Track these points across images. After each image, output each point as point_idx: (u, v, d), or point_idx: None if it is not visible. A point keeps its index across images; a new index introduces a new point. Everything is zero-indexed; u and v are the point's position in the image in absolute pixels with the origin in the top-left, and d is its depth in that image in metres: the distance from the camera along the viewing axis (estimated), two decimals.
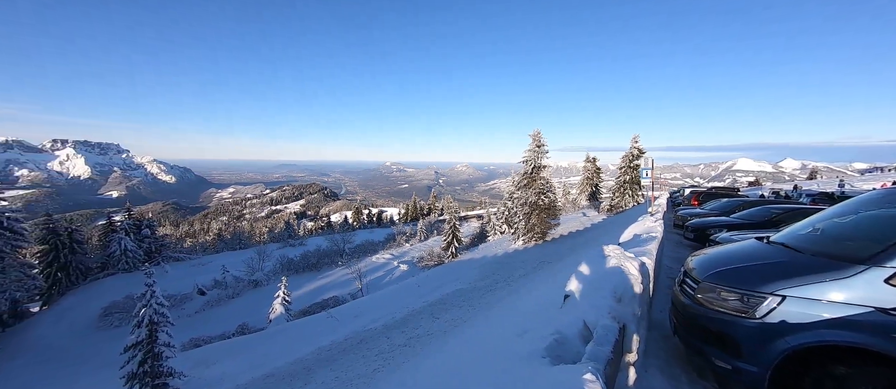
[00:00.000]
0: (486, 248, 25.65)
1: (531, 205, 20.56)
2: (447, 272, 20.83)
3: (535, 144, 20.76)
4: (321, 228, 68.83)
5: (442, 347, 6.51)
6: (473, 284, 15.31)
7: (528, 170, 20.95)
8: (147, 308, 9.68)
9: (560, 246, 18.69)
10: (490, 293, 12.47)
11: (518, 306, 6.36)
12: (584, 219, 26.48)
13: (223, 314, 21.18)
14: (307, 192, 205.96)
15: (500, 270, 16.84)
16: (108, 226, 31.55)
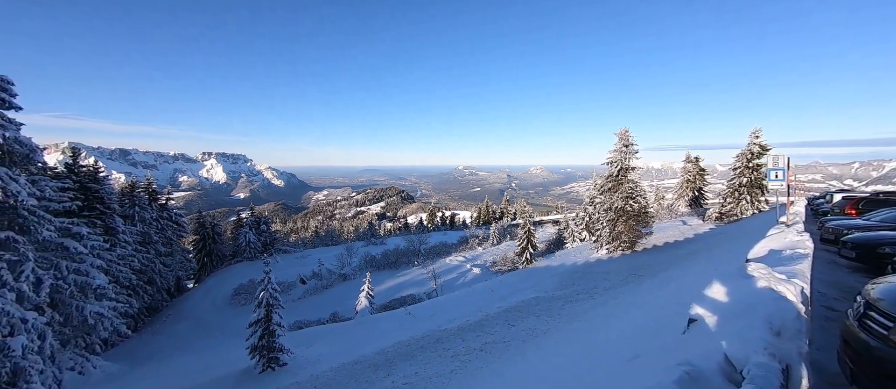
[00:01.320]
0: (564, 255, 24.07)
1: (617, 211, 18.61)
2: (521, 278, 20.11)
3: (621, 144, 18.78)
4: (399, 228, 73.36)
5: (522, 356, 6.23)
6: (551, 293, 14.45)
7: (613, 172, 19.05)
8: (265, 292, 11.50)
9: (654, 258, 16.47)
10: (570, 305, 11.60)
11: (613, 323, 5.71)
12: (685, 228, 22.91)
13: (319, 302, 24.02)
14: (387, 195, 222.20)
15: (581, 280, 15.57)
16: (238, 222, 38.72)
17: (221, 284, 27.48)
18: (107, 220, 19.30)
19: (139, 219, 24.19)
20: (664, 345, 2.14)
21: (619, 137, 18.79)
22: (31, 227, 6.99)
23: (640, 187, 18.83)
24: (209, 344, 18.04)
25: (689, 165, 30.45)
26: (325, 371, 10.19)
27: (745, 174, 21.05)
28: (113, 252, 18.53)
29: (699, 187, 29.91)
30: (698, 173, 29.90)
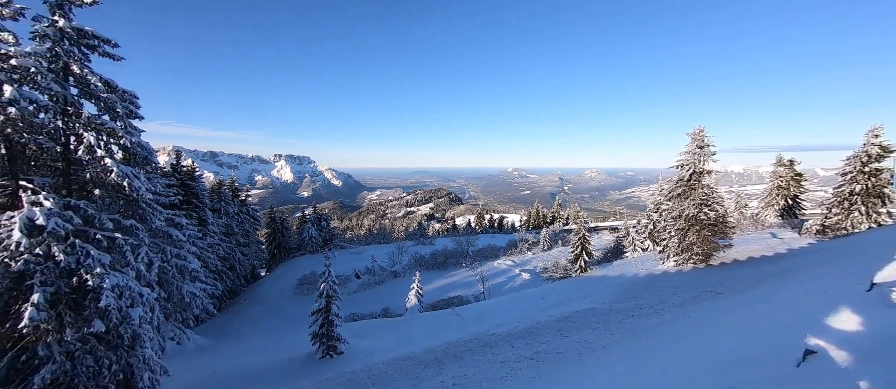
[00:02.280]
0: (624, 266, 22.28)
1: (688, 219, 16.73)
2: (575, 286, 19.05)
3: (695, 145, 16.87)
4: (447, 230, 74.18)
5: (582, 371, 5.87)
6: (609, 305, 13.46)
7: (684, 176, 17.18)
8: (326, 284, 12.40)
9: (734, 274, 14.50)
10: (632, 319, 10.68)
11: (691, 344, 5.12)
12: (774, 242, 19.83)
13: (371, 297, 25.23)
14: (435, 196, 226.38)
15: (645, 293, 14.27)
16: (302, 218, 42.34)
17: (288, 273, 30.21)
18: (200, 213, 22.36)
19: (224, 213, 27.65)
20: (773, 377, 1.83)
21: (692, 137, 16.92)
22: (147, 217, 8.36)
23: (716, 194, 16.73)
24: (278, 327, 19.94)
25: (780, 168, 26.32)
26: (377, 364, 10.64)
27: (859, 180, 17.55)
28: (204, 241, 21.41)
29: (794, 195, 25.68)
30: (793, 178, 25.70)
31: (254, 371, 11.68)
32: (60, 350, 6.45)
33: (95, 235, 6.88)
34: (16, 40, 6.30)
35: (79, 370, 6.71)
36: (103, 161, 7.03)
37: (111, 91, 7.28)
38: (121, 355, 7.30)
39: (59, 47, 6.62)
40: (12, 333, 6.12)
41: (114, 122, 7.45)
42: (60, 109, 6.84)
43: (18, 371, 6.38)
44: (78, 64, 6.87)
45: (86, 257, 6.57)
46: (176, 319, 16.19)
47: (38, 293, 5.93)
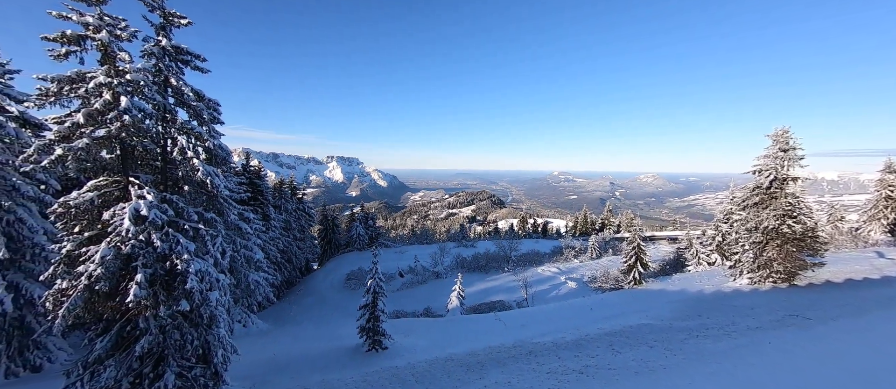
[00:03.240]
0: (685, 280, 20.31)
1: (767, 231, 14.81)
2: (628, 299, 17.77)
3: (777, 148, 14.91)
4: (489, 233, 73.43)
5: None
6: (667, 322, 12.36)
7: (763, 183, 15.26)
8: (373, 281, 12.95)
9: (826, 297, 12.53)
10: (697, 340, 9.69)
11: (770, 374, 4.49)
12: (882, 262, 16.77)
13: (414, 295, 25.80)
14: (477, 198, 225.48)
15: (711, 312, 12.88)
16: (351, 217, 44.65)
17: (337, 268, 32.04)
18: (264, 208, 24.60)
19: (284, 209, 30.14)
20: None
21: (773, 138, 14.97)
22: (224, 211, 9.40)
23: (803, 203, 14.58)
24: (328, 318, 21.23)
25: (890, 176, 22.25)
26: (420, 362, 10.85)
27: None
28: (266, 234, 23.51)
29: None
30: None
31: (307, 356, 12.53)
32: (155, 324, 7.48)
33: (184, 225, 7.89)
34: (130, 58, 7.48)
35: (168, 342, 7.73)
36: (192, 161, 8.05)
37: (200, 100, 8.33)
38: (201, 332, 8.27)
39: (161, 63, 7.73)
40: (120, 306, 7.23)
41: (200, 127, 8.51)
42: (161, 116, 7.98)
43: (124, 338, 7.52)
44: (175, 77, 7.96)
45: (176, 244, 7.56)
46: (242, 304, 17.94)
47: (140, 273, 6.95)
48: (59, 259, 7.02)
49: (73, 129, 6.89)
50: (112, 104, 7.03)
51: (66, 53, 6.86)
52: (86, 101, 6.96)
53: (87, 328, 7.59)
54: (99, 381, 6.93)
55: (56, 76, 6.83)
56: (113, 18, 7.14)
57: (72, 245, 7.10)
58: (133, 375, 7.47)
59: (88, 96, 6.95)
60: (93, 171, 7.74)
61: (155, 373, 7.69)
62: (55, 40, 6.81)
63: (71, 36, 6.81)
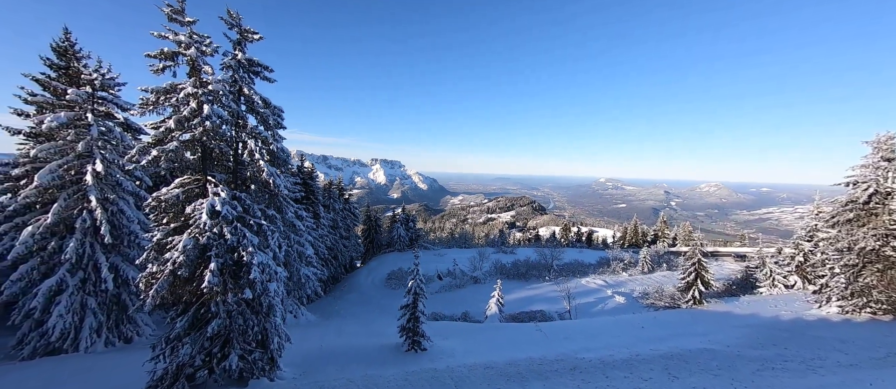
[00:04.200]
0: (757, 303, 18.12)
1: (864, 253, 12.74)
2: (686, 320, 16.24)
3: (878, 157, 12.84)
4: (529, 240, 71.49)
5: None
6: (735, 349, 11.10)
7: (859, 197, 13.19)
8: (414, 282, 13.20)
9: None
10: (772, 373, 8.57)
11: None
12: None
13: (452, 299, 25.87)
14: (518, 204, 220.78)
15: (790, 342, 11.35)
16: (392, 218, 46.06)
17: (379, 267, 33.17)
18: (315, 208, 26.26)
19: (332, 209, 31.92)
20: None
21: (874, 146, 12.89)
22: (283, 208, 10.20)
23: None
24: (370, 315, 22.02)
25: None
26: (459, 366, 10.81)
27: None
28: (316, 232, 25.06)
29: None
30: None
31: (351, 350, 13.09)
32: (224, 309, 8.29)
33: (250, 221, 8.68)
34: (212, 71, 8.46)
35: (234, 326, 8.52)
36: (258, 163, 8.86)
37: (267, 107, 9.15)
38: (260, 320, 9.01)
39: (236, 74, 8.63)
40: (197, 291, 8.13)
41: (266, 131, 9.34)
42: (234, 121, 8.89)
43: (198, 320, 8.42)
44: (247, 87, 8.84)
45: (243, 237, 8.34)
46: (294, 296, 19.26)
47: (214, 262, 7.76)
48: (150, 246, 8.07)
49: (166, 133, 7.92)
50: (197, 112, 7.97)
51: (162, 67, 7.92)
52: (176, 109, 7.97)
53: (168, 308, 8.63)
54: (178, 356, 7.83)
55: (154, 88, 7.91)
56: (200, 36, 8.11)
57: (161, 235, 8.13)
58: (204, 353, 8.33)
59: (178, 105, 7.95)
60: (179, 170, 8.82)
61: (222, 353, 8.51)
62: (155, 57, 7.90)
63: (167, 52, 7.85)
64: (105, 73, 12.66)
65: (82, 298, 12.00)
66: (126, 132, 13.73)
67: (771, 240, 42.19)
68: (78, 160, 11.87)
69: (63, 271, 11.56)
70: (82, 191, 11.92)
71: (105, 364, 10.52)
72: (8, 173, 12.57)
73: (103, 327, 12.48)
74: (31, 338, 11.67)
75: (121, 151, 12.87)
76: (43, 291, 11.29)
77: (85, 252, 11.93)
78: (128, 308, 13.13)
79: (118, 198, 12.62)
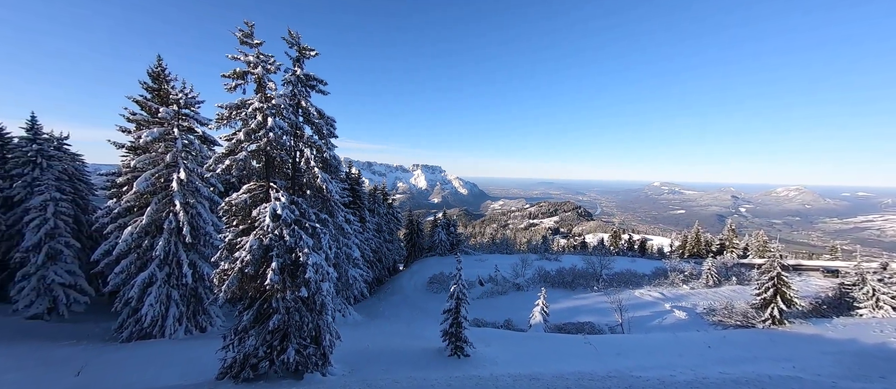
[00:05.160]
0: (856, 327, 15.50)
1: None
2: (763, 342, 14.36)
3: None
4: (574, 247, 68.22)
5: None
6: (828, 379, 9.58)
7: None
8: (456, 287, 13.21)
9: None
10: None
11: None
12: None
13: (494, 305, 25.45)
14: (561, 209, 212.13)
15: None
16: (433, 222, 46.70)
17: (421, 271, 33.72)
18: (361, 212, 27.50)
19: (377, 213, 33.18)
20: None
21: None
22: (334, 212, 10.82)
23: None
24: (413, 317, 22.42)
25: None
26: (503, 375, 10.55)
27: None
28: (362, 235, 26.17)
29: None
30: None
31: (395, 351, 13.40)
32: (283, 306, 8.95)
33: (305, 224, 9.32)
34: (275, 86, 9.29)
35: (291, 322, 9.16)
36: (313, 170, 9.51)
37: (321, 118, 9.82)
38: (314, 317, 9.58)
39: (295, 89, 9.39)
40: (260, 287, 8.88)
41: (320, 140, 10.00)
42: (293, 132, 9.65)
43: (261, 314, 9.18)
44: (304, 100, 9.57)
45: (299, 239, 8.96)
46: (342, 296, 20.24)
47: (275, 261, 8.44)
48: (223, 246, 8.98)
49: (237, 144, 8.81)
50: (262, 124, 8.77)
51: (235, 85, 8.85)
52: (245, 122, 8.84)
53: (236, 302, 9.52)
54: (245, 347, 8.59)
55: (228, 104, 8.85)
56: (265, 56, 8.95)
57: (231, 235, 9.02)
58: (266, 346, 9.04)
59: (247, 119, 8.81)
60: (246, 177, 9.74)
61: (281, 347, 9.17)
62: (229, 76, 8.86)
63: (239, 72, 8.77)
64: (188, 92, 14.46)
65: (168, 290, 13.69)
66: (203, 144, 15.52)
67: (872, 254, 35.87)
68: (166, 169, 13.64)
69: (154, 266, 13.31)
70: (169, 196, 13.66)
71: (186, 350, 11.86)
72: (114, 180, 14.82)
73: (184, 316, 14.11)
74: (129, 323, 13.55)
75: (199, 160, 14.55)
76: (138, 283, 13.08)
77: (170, 250, 13.62)
78: (203, 301, 14.73)
79: (196, 202, 14.26)
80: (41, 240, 15.84)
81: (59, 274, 16.21)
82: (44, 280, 15.88)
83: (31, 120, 18.47)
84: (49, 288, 16.07)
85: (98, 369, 9.85)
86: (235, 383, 8.76)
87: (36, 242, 15.72)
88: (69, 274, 16.62)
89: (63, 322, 15.93)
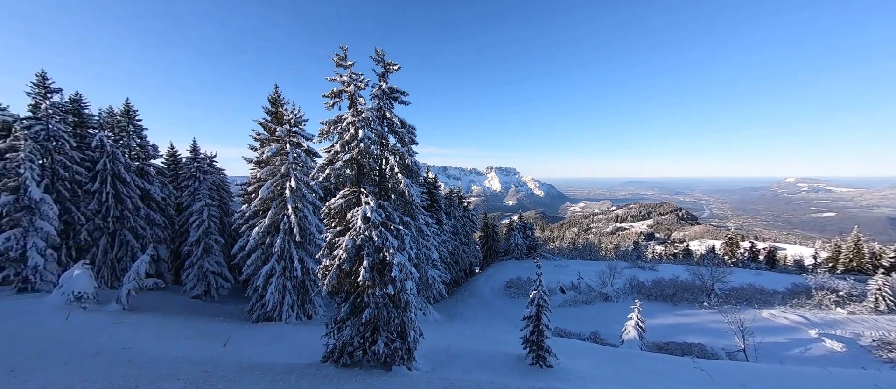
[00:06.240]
0: None
1: None
2: None
3: None
4: (675, 255, 59.41)
5: None
6: None
7: None
8: (537, 293, 12.66)
9: None
10: None
11: None
12: None
13: (577, 315, 23.66)
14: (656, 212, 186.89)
15: None
16: (509, 225, 45.73)
17: (497, 274, 33.32)
18: (438, 214, 28.49)
19: (452, 216, 33.98)
20: None
21: None
22: (415, 215, 11.44)
23: None
24: (491, 321, 22.27)
25: None
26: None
27: None
28: (439, 237, 27.06)
29: None
30: None
31: (474, 353, 13.43)
32: (373, 301, 9.77)
33: (391, 226, 10.03)
34: (364, 101, 10.28)
35: (380, 316, 9.92)
36: (397, 175, 10.21)
37: (403, 127, 10.50)
38: (399, 314, 10.22)
39: (381, 102, 10.24)
40: (355, 283, 9.85)
41: (402, 148, 10.69)
42: (379, 141, 10.53)
43: (356, 307, 10.17)
44: (388, 111, 10.36)
45: (386, 240, 9.68)
46: (423, 295, 21.20)
47: (367, 259, 9.27)
48: (325, 245, 10.22)
49: (334, 155, 9.98)
50: (354, 136, 9.76)
51: (332, 104, 10.05)
52: (341, 135, 9.95)
53: (335, 295, 10.72)
54: (343, 336, 9.61)
55: (327, 120, 10.10)
56: (357, 75, 9.96)
57: (331, 235, 10.21)
58: (360, 336, 9.96)
59: (342, 132, 9.91)
60: (341, 184, 10.95)
61: (372, 339, 10.00)
62: (327, 96, 10.10)
63: (335, 91, 9.94)
64: (296, 112, 16.99)
65: (283, 281, 16.19)
66: (307, 156, 18.02)
67: None
68: (281, 179, 16.21)
69: (274, 260, 15.90)
70: (283, 202, 16.19)
71: (297, 333, 13.84)
72: (245, 189, 18.21)
73: (295, 304, 16.51)
74: (256, 307, 16.42)
75: (305, 170, 16.92)
76: (263, 273, 15.76)
77: (285, 247, 16.10)
78: (309, 292, 17.01)
79: (303, 206, 16.60)
80: (200, 237, 20.34)
81: (211, 264, 20.56)
82: (201, 269, 20.34)
83: (193, 143, 23.96)
84: (204, 275, 20.51)
85: (238, 342, 12.15)
86: (336, 367, 9.85)
87: (196, 238, 20.25)
88: (217, 265, 20.96)
89: (213, 303, 20.13)
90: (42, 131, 17.69)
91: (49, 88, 18.56)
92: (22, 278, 14.93)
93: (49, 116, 18.01)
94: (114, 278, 19.73)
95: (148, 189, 21.53)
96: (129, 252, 20.29)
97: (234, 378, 7.46)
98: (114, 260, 19.87)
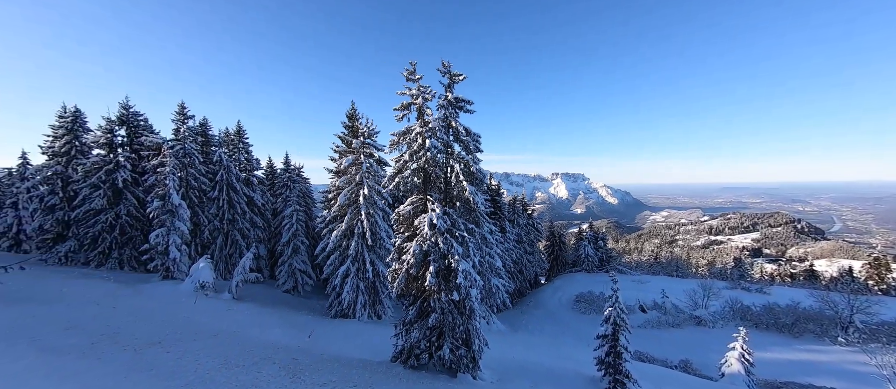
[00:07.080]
0: None
1: None
2: None
3: None
4: (792, 275, 49.11)
5: None
6: None
7: None
8: (613, 310, 11.57)
9: None
10: None
11: None
12: None
13: (661, 339, 20.94)
14: (764, 223, 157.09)
15: None
16: (578, 235, 42.85)
17: (565, 286, 31.35)
18: (501, 222, 28.02)
19: (516, 224, 33.09)
20: None
21: None
22: (480, 222, 11.43)
23: None
24: (559, 336, 20.98)
25: None
26: None
27: None
28: (503, 246, 26.53)
29: None
30: None
31: (542, 367, 12.76)
32: (439, 306, 9.97)
33: (456, 233, 10.17)
34: (431, 112, 10.71)
35: (445, 322, 10.07)
36: (462, 183, 10.35)
37: (468, 135, 10.65)
38: (464, 320, 10.24)
39: (447, 111, 10.55)
40: (421, 287, 10.18)
41: (467, 155, 10.82)
42: (445, 150, 10.82)
43: (422, 311, 10.49)
44: (454, 120, 10.61)
45: (451, 247, 9.83)
46: (486, 303, 20.95)
47: (433, 265, 9.53)
48: (394, 249, 10.79)
49: (403, 164, 10.53)
50: (422, 146, 10.19)
51: (402, 116, 10.66)
52: (410, 145, 10.48)
53: (403, 298, 11.21)
54: (410, 337, 9.98)
55: (397, 132, 10.73)
56: (424, 87, 10.43)
57: (400, 241, 10.74)
58: (426, 340, 10.23)
59: (411, 142, 10.43)
60: (409, 191, 11.49)
61: (437, 343, 10.19)
62: (398, 109, 10.76)
63: (405, 104, 10.53)
64: (370, 125, 18.42)
65: (357, 281, 17.50)
66: (378, 165, 19.35)
67: None
68: (356, 187, 17.66)
69: (349, 262, 17.31)
70: (357, 208, 17.59)
71: (368, 331, 14.80)
72: (326, 196, 20.24)
73: (367, 304, 17.70)
74: (334, 304, 18.00)
75: (376, 179, 18.17)
76: (340, 274, 17.25)
77: (359, 250, 17.42)
78: (380, 293, 18.09)
79: (375, 213, 17.81)
80: (289, 239, 23.17)
81: (298, 263, 23.23)
82: (291, 267, 23.11)
83: (285, 157, 27.61)
84: (293, 272, 23.25)
85: (319, 335, 13.46)
86: (404, 368, 10.25)
87: (287, 239, 23.11)
88: (303, 263, 23.59)
89: (299, 297, 22.66)
90: (180, 150, 22.13)
91: (186, 115, 23.26)
92: (165, 267, 18.69)
93: (185, 138, 22.48)
94: (226, 271, 23.53)
95: (252, 196, 25.36)
96: (238, 250, 24.04)
97: (317, 368, 8.25)
98: (226, 256, 23.75)
